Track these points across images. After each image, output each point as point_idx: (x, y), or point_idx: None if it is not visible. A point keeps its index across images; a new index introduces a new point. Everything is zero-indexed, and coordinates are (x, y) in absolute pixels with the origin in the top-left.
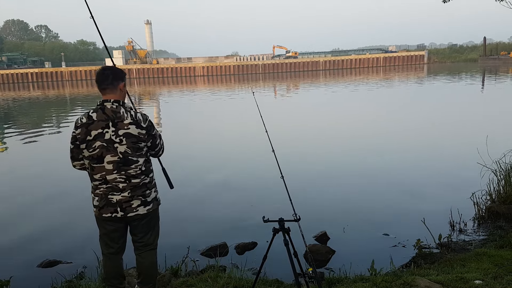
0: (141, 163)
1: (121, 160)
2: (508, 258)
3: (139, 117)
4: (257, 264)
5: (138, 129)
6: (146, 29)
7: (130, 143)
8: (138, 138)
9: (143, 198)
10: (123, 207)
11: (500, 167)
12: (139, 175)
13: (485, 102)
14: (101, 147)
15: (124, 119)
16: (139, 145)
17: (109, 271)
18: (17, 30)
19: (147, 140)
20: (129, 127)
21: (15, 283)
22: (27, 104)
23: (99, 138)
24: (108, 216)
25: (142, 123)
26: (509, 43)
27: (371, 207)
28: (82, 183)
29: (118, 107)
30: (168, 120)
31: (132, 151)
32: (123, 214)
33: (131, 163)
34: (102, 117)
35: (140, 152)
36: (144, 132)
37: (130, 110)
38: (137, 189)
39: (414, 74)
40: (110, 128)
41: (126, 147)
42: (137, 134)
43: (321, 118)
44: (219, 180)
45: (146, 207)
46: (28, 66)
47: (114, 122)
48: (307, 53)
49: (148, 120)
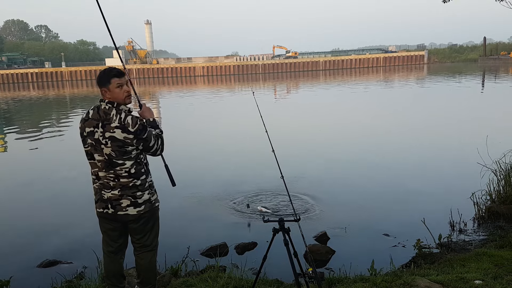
0: (128, 166)
1: (107, 161)
2: (508, 258)
3: (127, 121)
4: (257, 264)
5: (124, 133)
6: (146, 29)
7: (115, 146)
8: (123, 143)
9: (133, 199)
10: (113, 204)
11: (500, 167)
12: (127, 176)
13: (485, 102)
14: (91, 145)
15: (112, 122)
16: (125, 149)
17: (109, 270)
18: (17, 30)
19: (136, 144)
20: (114, 130)
21: (15, 283)
22: (27, 104)
23: (90, 136)
24: (100, 211)
25: (130, 127)
26: (509, 43)
27: (371, 207)
28: (82, 183)
29: (110, 108)
30: (168, 120)
31: (117, 155)
32: (113, 211)
33: (116, 165)
34: (95, 116)
35: (128, 155)
36: (132, 136)
37: (121, 113)
38: (126, 189)
39: (414, 74)
40: (99, 128)
41: (111, 150)
42: (123, 138)
43: (321, 118)
44: (219, 180)
45: (137, 208)
46: (28, 66)
47: (103, 124)
48: (307, 53)
49: (138, 124)
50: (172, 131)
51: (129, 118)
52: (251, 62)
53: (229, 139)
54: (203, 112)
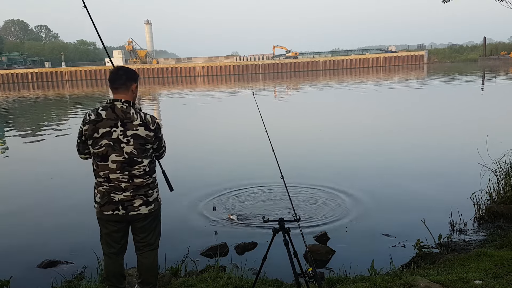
0: (146, 164)
1: (126, 160)
2: (508, 258)
3: (148, 119)
4: (257, 264)
5: (147, 131)
6: (146, 29)
7: (138, 144)
8: (145, 140)
9: (145, 198)
10: (125, 205)
11: (500, 167)
12: (143, 175)
13: (485, 102)
14: (107, 145)
15: (134, 120)
16: (146, 147)
17: (109, 271)
18: (17, 30)
19: (154, 142)
20: (138, 128)
21: (15, 283)
22: (27, 104)
23: (106, 137)
24: (109, 214)
25: (151, 125)
26: (509, 43)
27: (371, 207)
28: (82, 183)
29: (128, 107)
30: (168, 121)
31: (138, 152)
32: (125, 212)
33: (135, 164)
34: (111, 116)
35: (146, 153)
36: (152, 134)
37: (140, 111)
38: (139, 189)
39: (414, 74)
40: (119, 127)
41: (133, 148)
42: (145, 135)
43: (321, 118)
44: (219, 179)
45: (148, 207)
46: (28, 66)
47: (123, 122)
48: (307, 53)
49: (156, 122)
50: (172, 131)
51: (148, 116)
52: (251, 62)
53: (229, 138)
54: (202, 112)
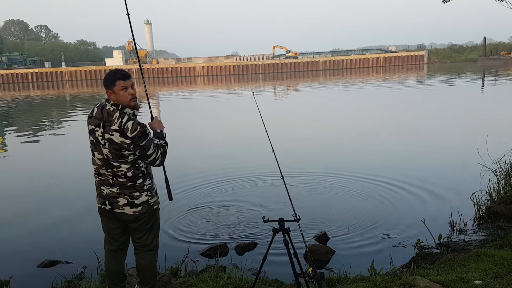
0: (124, 169)
1: (105, 161)
2: (508, 258)
3: (127, 126)
4: (257, 264)
5: (122, 137)
6: (146, 29)
7: (112, 149)
8: (120, 146)
9: (130, 199)
10: (111, 201)
11: (500, 167)
12: (124, 178)
13: (485, 102)
14: (92, 142)
15: (112, 125)
16: (122, 153)
17: (108, 268)
18: (17, 30)
19: (133, 150)
20: (113, 133)
21: (15, 283)
22: (27, 104)
23: (92, 134)
24: (99, 206)
25: (129, 132)
26: (509, 43)
27: (371, 207)
28: (82, 183)
29: (114, 110)
30: (168, 121)
31: (113, 157)
32: (111, 208)
33: (113, 167)
34: (98, 116)
35: (124, 159)
36: (129, 141)
37: (124, 116)
38: (124, 188)
39: (414, 74)
40: (100, 128)
41: (108, 151)
42: (120, 142)
43: (321, 118)
44: (218, 179)
45: (133, 208)
46: (28, 66)
47: (104, 124)
48: (307, 53)
49: (138, 130)
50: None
51: (130, 123)
52: (251, 62)
53: (229, 138)
54: (202, 112)
